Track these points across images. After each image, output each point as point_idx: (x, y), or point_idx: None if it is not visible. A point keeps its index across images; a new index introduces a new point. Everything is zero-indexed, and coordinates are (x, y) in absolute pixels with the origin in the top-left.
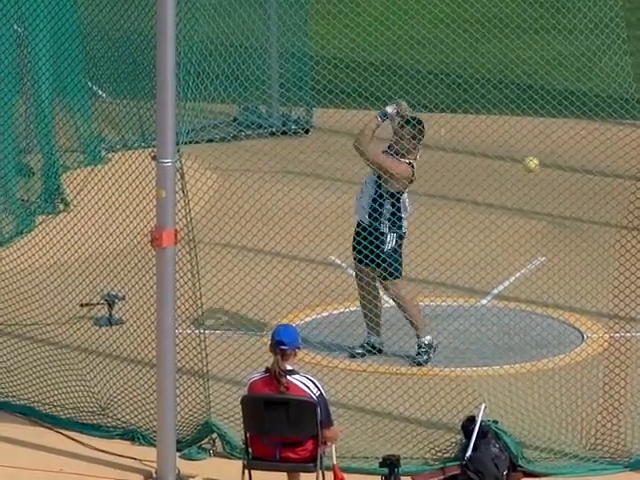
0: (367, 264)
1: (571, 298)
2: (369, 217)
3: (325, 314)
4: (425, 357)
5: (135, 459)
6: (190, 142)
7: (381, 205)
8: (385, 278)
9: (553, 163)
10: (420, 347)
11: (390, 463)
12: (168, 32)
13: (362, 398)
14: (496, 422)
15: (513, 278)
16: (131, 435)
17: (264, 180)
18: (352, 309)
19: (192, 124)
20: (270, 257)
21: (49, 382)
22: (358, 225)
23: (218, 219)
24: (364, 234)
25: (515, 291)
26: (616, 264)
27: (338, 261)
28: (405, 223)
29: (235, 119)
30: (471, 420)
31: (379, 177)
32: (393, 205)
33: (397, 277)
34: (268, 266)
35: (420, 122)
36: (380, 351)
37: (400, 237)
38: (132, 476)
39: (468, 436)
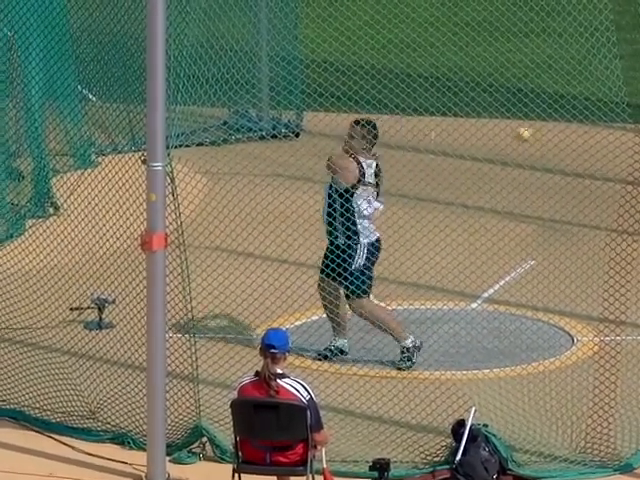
0: (333, 278)
1: (561, 302)
2: (330, 235)
3: (315, 318)
4: (408, 363)
5: (125, 463)
6: (180, 146)
7: (331, 214)
8: (347, 296)
9: (543, 167)
10: (402, 352)
11: (380, 467)
12: (158, 36)
13: (352, 402)
14: (486, 426)
15: (503, 282)
16: (121, 439)
17: (254, 184)
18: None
19: (182, 128)
20: (260, 261)
21: (39, 386)
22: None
23: (208, 223)
24: (334, 251)
25: (505, 295)
26: (606, 267)
27: None
28: (366, 232)
29: (225, 123)
30: (461, 424)
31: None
32: (347, 210)
33: (359, 296)
34: (258, 270)
35: (370, 123)
36: (344, 353)
37: (371, 254)
38: None
39: (458, 440)
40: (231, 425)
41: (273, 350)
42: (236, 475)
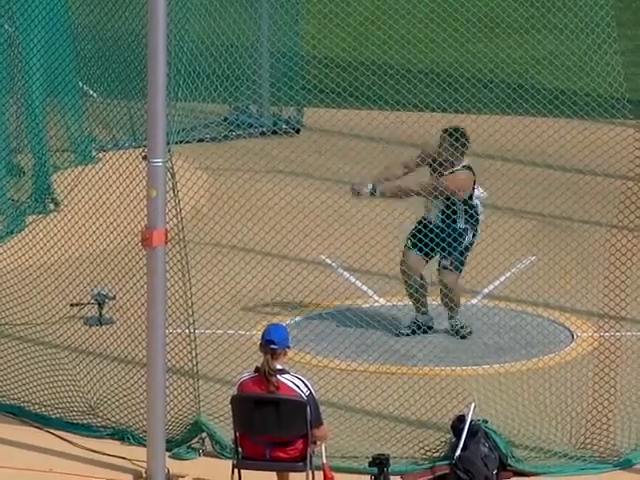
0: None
1: (561, 297)
2: (447, 218)
3: (315, 313)
4: (468, 330)
5: (125, 459)
6: (181, 142)
7: (456, 208)
8: (454, 269)
9: (543, 162)
10: (453, 327)
11: (379, 462)
12: (159, 31)
13: (352, 397)
14: (486, 421)
15: (503, 277)
16: (121, 435)
17: (255, 180)
18: (342, 308)
19: (183, 124)
20: (260, 256)
21: (39, 382)
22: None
23: (209, 219)
24: (440, 229)
25: (505, 290)
26: (606, 263)
27: (328, 260)
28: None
29: (226, 119)
30: (461, 419)
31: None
32: (469, 207)
33: (460, 271)
34: (258, 265)
35: (457, 131)
36: (430, 328)
37: (474, 235)
38: (122, 476)
39: (458, 435)
40: (231, 421)
41: (273, 346)
42: (236, 471)
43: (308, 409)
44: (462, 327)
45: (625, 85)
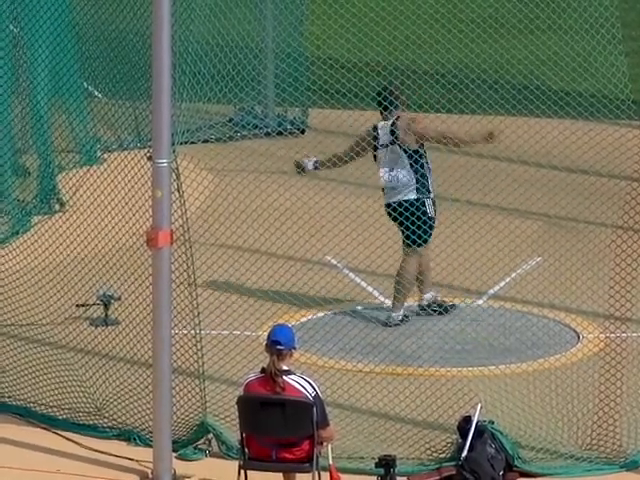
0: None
1: (567, 298)
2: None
3: (321, 314)
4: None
5: (131, 459)
6: (186, 142)
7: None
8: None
9: (549, 163)
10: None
11: (386, 463)
12: (164, 32)
13: (358, 398)
14: (492, 422)
15: (509, 278)
16: (127, 435)
17: (260, 180)
18: (348, 309)
19: (188, 124)
20: (266, 257)
21: (45, 383)
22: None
23: (214, 219)
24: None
25: (511, 291)
26: (612, 264)
27: (334, 261)
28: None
29: (231, 119)
30: (467, 420)
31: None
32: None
33: (420, 245)
34: (264, 266)
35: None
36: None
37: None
38: (128, 476)
39: (464, 436)
40: (237, 422)
41: (279, 347)
42: (242, 471)
43: (314, 410)
44: (434, 304)
45: (630, 86)
